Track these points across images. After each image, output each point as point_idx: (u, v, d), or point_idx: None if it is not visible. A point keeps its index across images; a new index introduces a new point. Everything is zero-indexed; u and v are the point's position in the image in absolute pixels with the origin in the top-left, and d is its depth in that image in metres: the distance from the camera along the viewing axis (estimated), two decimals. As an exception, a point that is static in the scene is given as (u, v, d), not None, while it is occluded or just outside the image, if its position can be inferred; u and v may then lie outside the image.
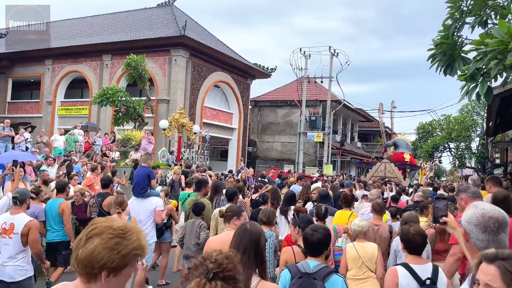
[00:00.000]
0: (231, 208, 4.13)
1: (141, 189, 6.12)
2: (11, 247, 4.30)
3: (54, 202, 6.04)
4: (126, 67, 19.39)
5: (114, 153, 16.68)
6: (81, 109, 25.60)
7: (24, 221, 4.37)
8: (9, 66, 27.61)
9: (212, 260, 1.47)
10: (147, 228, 5.92)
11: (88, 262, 1.46)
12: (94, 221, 1.58)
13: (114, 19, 29.18)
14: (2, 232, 4.32)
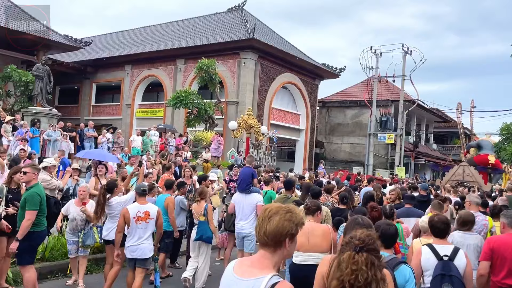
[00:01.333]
0: (316, 203, 4.76)
1: (245, 186, 6.89)
2: (148, 230, 5.39)
3: (161, 197, 7.02)
4: (198, 70, 20.19)
5: (186, 153, 17.42)
6: (157, 111, 27.06)
7: (155, 208, 5.52)
8: (93, 72, 30.00)
9: (357, 238, 1.97)
10: (251, 220, 6.66)
11: (277, 233, 1.95)
12: (266, 206, 2.11)
13: (187, 25, 30.48)
14: (139, 219, 5.32)
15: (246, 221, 6.68)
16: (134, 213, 5.34)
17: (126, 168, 10.16)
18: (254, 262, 2.00)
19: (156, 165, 14.52)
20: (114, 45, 31.60)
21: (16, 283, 5.96)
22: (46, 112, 18.27)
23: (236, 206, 6.87)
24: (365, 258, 1.91)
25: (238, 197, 6.96)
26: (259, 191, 7.26)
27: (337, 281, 1.93)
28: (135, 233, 5.34)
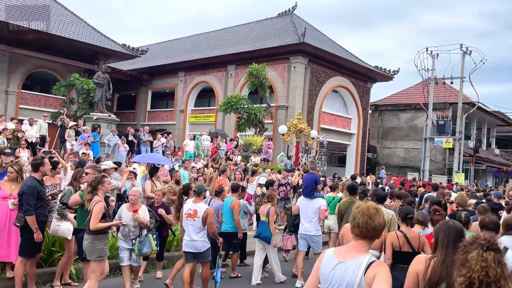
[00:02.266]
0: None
1: (309, 191, 7.31)
2: (195, 227, 5.82)
3: (228, 199, 7.35)
4: (248, 76, 20.44)
5: (237, 157, 17.64)
6: (208, 117, 27.68)
7: (203, 208, 5.87)
8: (149, 79, 31.28)
9: (483, 239, 2.15)
10: (314, 223, 7.14)
11: (379, 228, 2.46)
12: (360, 205, 2.55)
13: (238, 31, 30.99)
14: (188, 216, 5.87)
15: (309, 223, 7.14)
16: (186, 210, 5.96)
17: (181, 171, 10.47)
18: (352, 249, 2.49)
19: (208, 168, 14.85)
20: (168, 53, 32.78)
21: (78, 279, 6.33)
22: (106, 118, 19.25)
23: (300, 209, 7.33)
24: (493, 257, 2.08)
25: (302, 201, 7.39)
26: (322, 196, 7.63)
27: (464, 278, 2.08)
28: (187, 228, 5.91)
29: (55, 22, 23.91)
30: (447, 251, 2.80)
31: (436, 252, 2.86)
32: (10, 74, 24.15)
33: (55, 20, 24.13)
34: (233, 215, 7.12)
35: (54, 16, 24.48)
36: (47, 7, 23.67)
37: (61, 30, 23.35)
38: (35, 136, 14.43)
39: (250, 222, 9.33)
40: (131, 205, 6.04)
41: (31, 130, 14.29)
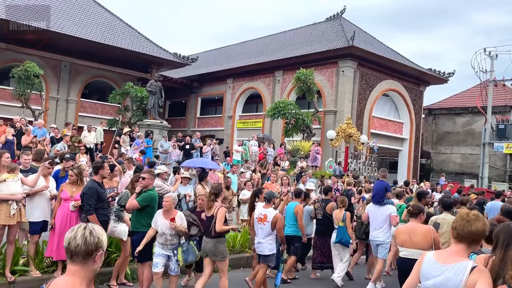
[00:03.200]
0: (419, 207, 5.51)
1: (379, 198, 7.47)
2: (265, 231, 6.16)
3: (291, 204, 7.57)
4: (296, 81, 20.36)
5: (284, 162, 17.61)
6: (256, 122, 27.88)
7: (272, 213, 6.21)
8: (198, 87, 32.06)
9: None
10: (384, 229, 7.25)
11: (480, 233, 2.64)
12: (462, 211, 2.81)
13: (286, 37, 31.06)
14: (259, 220, 6.24)
15: (379, 230, 7.26)
16: (257, 214, 6.33)
17: (230, 176, 10.61)
18: (453, 253, 2.65)
19: (256, 173, 14.94)
20: (217, 60, 33.46)
21: (133, 280, 6.56)
22: (158, 124, 19.95)
23: (370, 216, 7.46)
24: None
25: (372, 208, 7.53)
26: (392, 202, 7.79)
27: None
28: (257, 232, 6.25)
29: (111, 33, 25.19)
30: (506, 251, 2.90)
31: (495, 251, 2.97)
32: (71, 84, 25.69)
33: (111, 31, 25.43)
34: (297, 220, 7.31)
35: (110, 28, 25.82)
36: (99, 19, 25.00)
37: (116, 41, 24.55)
38: (93, 142, 15.21)
39: None
40: (165, 211, 5.71)
41: (89, 137, 15.09)
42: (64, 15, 23.93)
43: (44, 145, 11.94)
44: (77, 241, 1.99)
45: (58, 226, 5.85)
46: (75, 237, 2.00)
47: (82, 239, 2.00)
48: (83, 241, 1.99)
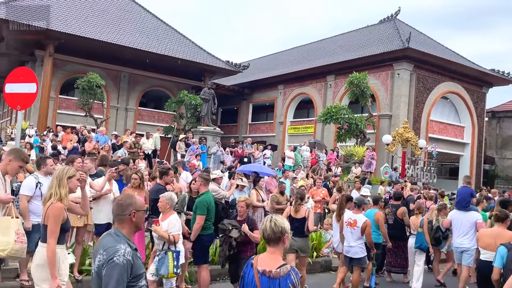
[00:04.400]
0: (505, 212, 5.71)
1: (465, 204, 7.45)
2: (354, 235, 6.54)
3: (371, 211, 7.72)
4: (348, 85, 19.98)
5: (337, 168, 17.30)
6: (307, 128, 27.66)
7: (363, 219, 6.62)
8: (250, 93, 32.40)
9: None
10: (470, 236, 7.14)
11: None
12: None
13: (338, 41, 30.66)
14: (348, 224, 6.60)
15: (464, 236, 7.17)
16: (346, 218, 6.68)
17: (283, 181, 10.58)
18: None
19: (308, 179, 14.79)
20: (268, 67, 33.66)
21: (191, 282, 6.69)
22: (211, 131, 20.37)
23: (453, 222, 7.37)
24: None
25: (456, 214, 7.44)
26: (477, 209, 7.75)
27: None
28: (346, 235, 6.60)
29: (167, 43, 26.16)
30: None
31: None
32: (129, 93, 26.94)
33: (167, 42, 26.41)
34: (380, 227, 7.45)
35: (166, 38, 26.82)
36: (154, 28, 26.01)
37: (172, 51, 25.46)
38: (151, 148, 15.81)
39: None
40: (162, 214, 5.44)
41: (148, 143, 15.70)
42: (123, 28, 25.19)
43: (106, 151, 12.57)
44: (267, 231, 2.71)
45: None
46: (265, 228, 2.73)
47: (270, 229, 2.71)
48: (271, 230, 2.70)
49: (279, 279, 2.61)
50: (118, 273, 2.45)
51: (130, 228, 2.72)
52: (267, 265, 2.68)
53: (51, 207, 3.85)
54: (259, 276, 2.67)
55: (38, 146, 14.55)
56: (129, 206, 2.68)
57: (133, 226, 2.72)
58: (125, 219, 2.67)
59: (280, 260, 2.72)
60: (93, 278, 2.63)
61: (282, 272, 2.61)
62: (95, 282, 2.60)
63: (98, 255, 2.59)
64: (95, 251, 2.68)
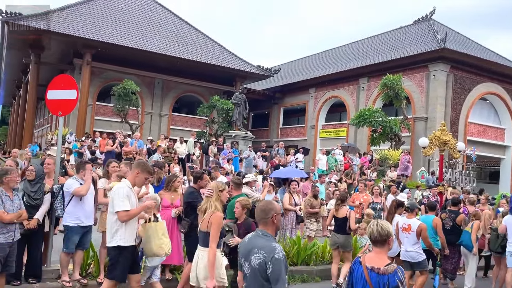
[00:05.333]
0: None
1: None
2: (410, 240, 6.63)
3: (428, 217, 7.68)
4: (382, 87, 19.62)
5: (372, 172, 16.96)
6: (339, 131, 27.32)
7: (417, 223, 6.67)
8: (281, 97, 32.37)
9: None
10: None
11: None
12: None
13: (370, 43, 30.19)
14: (403, 229, 6.69)
15: None
16: (400, 224, 6.78)
17: (318, 186, 10.47)
18: None
19: (342, 183, 14.58)
20: (299, 71, 33.55)
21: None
22: (242, 135, 20.47)
23: (508, 228, 7.26)
24: None
25: (510, 220, 7.32)
26: None
27: None
28: (403, 241, 6.72)
29: (199, 50, 26.58)
30: None
31: None
32: (163, 99, 27.50)
33: (199, 48, 26.82)
34: (438, 233, 7.41)
35: (198, 44, 27.25)
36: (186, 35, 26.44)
37: (204, 57, 25.84)
38: (185, 153, 16.05)
39: None
40: None
41: (181, 148, 15.95)
42: (157, 35, 25.79)
43: (142, 156, 12.86)
44: (374, 234, 3.07)
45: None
46: (372, 231, 3.09)
47: (377, 232, 3.07)
48: (378, 233, 3.06)
49: (387, 275, 2.96)
50: (283, 267, 2.90)
51: (273, 229, 3.17)
52: (375, 263, 3.06)
53: (214, 216, 4.47)
54: (368, 272, 3.05)
55: (77, 152, 15.06)
56: (271, 211, 3.11)
57: (274, 227, 3.17)
58: (268, 222, 3.11)
59: (386, 259, 3.08)
60: (250, 273, 3.01)
61: (390, 269, 2.97)
62: (253, 276, 2.98)
63: (254, 254, 2.97)
64: (246, 250, 3.09)
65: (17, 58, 26.12)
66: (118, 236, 4.37)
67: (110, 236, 4.42)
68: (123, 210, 4.31)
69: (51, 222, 5.96)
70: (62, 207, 5.75)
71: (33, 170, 5.64)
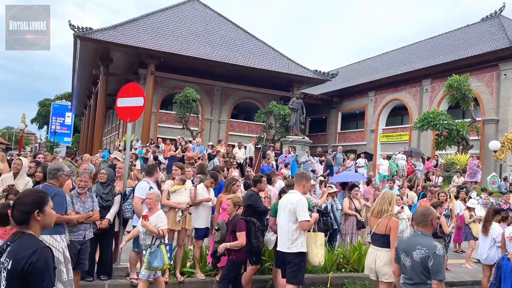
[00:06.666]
0: None
1: None
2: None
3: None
4: (447, 89, 18.66)
5: (437, 177, 16.14)
6: (401, 135, 26.33)
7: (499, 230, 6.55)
8: (338, 102, 31.86)
9: None
10: None
11: None
12: None
13: (433, 43, 28.93)
14: (510, 239, 6.18)
15: None
16: (507, 233, 6.34)
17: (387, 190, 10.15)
18: None
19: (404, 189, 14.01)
20: (357, 74, 32.86)
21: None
22: (300, 140, 20.37)
23: None
24: None
25: None
26: None
27: None
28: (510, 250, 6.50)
29: (256, 56, 26.93)
30: None
31: None
32: (222, 106, 28.15)
33: (256, 54, 27.18)
34: None
35: (255, 51, 27.63)
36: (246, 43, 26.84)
37: (261, 63, 26.15)
38: (243, 158, 16.30)
39: None
40: (148, 210, 5.37)
41: (240, 153, 16.22)
42: (215, 44, 26.51)
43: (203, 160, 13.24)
44: None
45: (220, 234, 6.31)
46: None
47: None
48: None
49: None
50: (442, 261, 3.46)
51: (431, 230, 3.73)
52: None
53: (392, 221, 4.97)
54: None
55: (142, 157, 15.84)
56: (430, 215, 3.67)
57: (432, 228, 3.76)
58: (428, 224, 3.66)
59: None
60: (412, 265, 3.64)
61: None
62: (415, 268, 3.61)
63: (416, 250, 3.59)
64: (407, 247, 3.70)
65: (88, 70, 28.08)
66: (299, 243, 4.91)
67: (289, 242, 4.93)
68: (306, 220, 4.88)
69: (120, 223, 6.32)
70: (132, 209, 6.08)
71: (105, 173, 6.02)
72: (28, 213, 2.38)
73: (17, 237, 2.33)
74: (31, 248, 2.23)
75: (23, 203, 2.40)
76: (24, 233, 2.36)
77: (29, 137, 73.70)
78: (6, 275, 2.21)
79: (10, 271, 2.19)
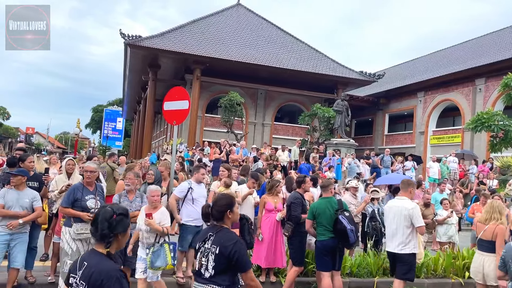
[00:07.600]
0: None
1: None
2: None
3: None
4: (503, 88, 17.65)
5: (492, 181, 15.31)
6: (453, 137, 25.22)
7: None
8: (385, 103, 31.01)
9: None
10: None
11: None
12: None
13: (486, 41, 27.56)
14: None
15: None
16: None
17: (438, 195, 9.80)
18: None
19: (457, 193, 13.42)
20: (405, 74, 31.87)
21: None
22: (345, 143, 20.05)
23: None
24: None
25: None
26: None
27: None
28: None
29: (300, 59, 26.85)
30: None
31: None
32: (266, 109, 28.29)
33: (300, 57, 27.10)
34: None
35: (299, 54, 27.56)
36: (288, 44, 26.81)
37: (305, 65, 26.03)
38: (287, 161, 16.29)
39: None
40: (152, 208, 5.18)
41: (283, 155, 16.22)
42: (259, 47, 26.71)
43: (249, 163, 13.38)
44: None
45: (266, 236, 6.34)
46: None
47: None
48: None
49: None
50: None
51: None
52: None
53: (499, 227, 5.22)
54: None
55: (189, 160, 16.25)
56: None
57: None
58: None
59: None
60: None
61: None
62: None
63: None
64: None
65: (138, 76, 29.21)
66: (412, 245, 5.40)
67: (403, 244, 5.39)
68: (423, 225, 5.44)
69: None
70: (176, 208, 6.28)
71: (153, 174, 6.27)
72: (223, 212, 3.03)
73: (218, 230, 3.02)
74: (233, 240, 2.94)
75: (219, 204, 3.06)
76: (222, 227, 3.03)
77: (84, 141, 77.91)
78: (214, 257, 2.91)
79: (218, 255, 2.91)
